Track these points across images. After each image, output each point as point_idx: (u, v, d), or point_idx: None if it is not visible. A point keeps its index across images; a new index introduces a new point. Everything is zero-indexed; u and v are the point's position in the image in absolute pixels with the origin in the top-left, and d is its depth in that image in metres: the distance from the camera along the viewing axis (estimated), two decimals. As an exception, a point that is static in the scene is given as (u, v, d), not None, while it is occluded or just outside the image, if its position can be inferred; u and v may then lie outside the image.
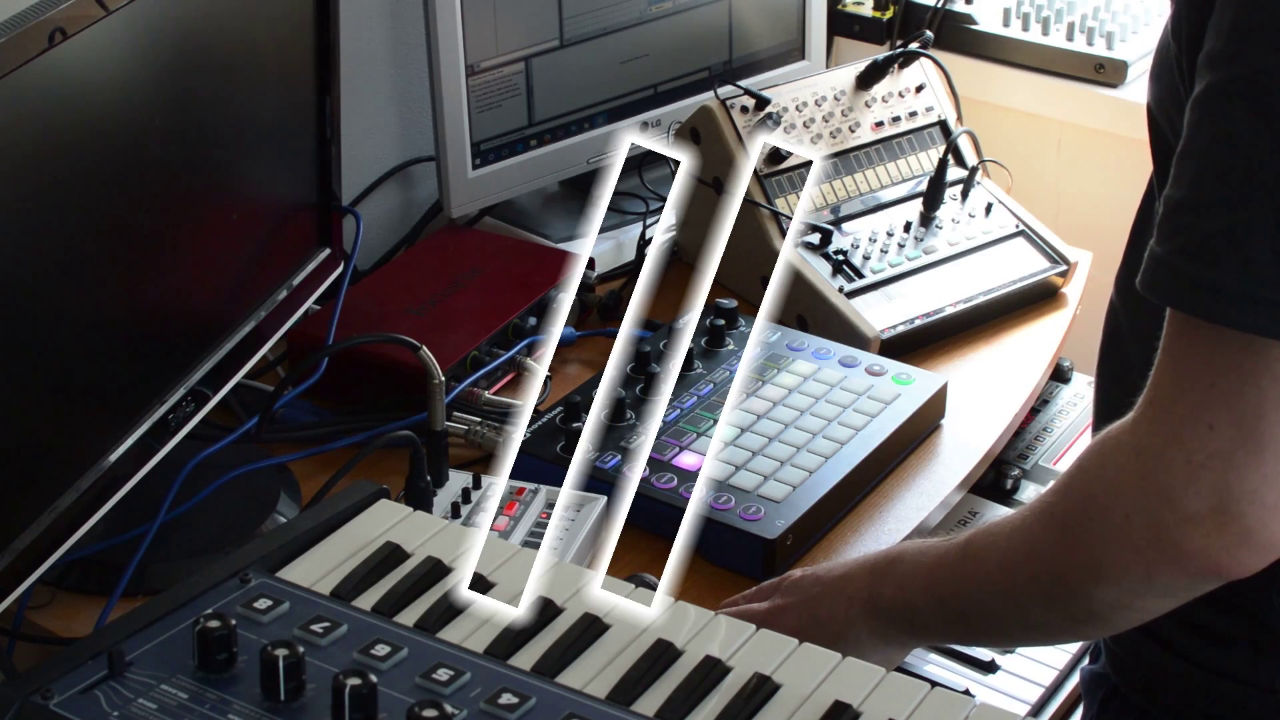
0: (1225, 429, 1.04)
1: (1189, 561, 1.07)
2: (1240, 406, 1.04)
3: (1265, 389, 1.04)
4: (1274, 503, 1.05)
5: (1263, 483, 1.04)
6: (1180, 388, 1.07)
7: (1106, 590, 1.12)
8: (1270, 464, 1.04)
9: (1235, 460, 1.04)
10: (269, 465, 1.61)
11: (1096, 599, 1.13)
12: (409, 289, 1.86)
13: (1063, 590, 1.15)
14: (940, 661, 1.61)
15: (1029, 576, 1.17)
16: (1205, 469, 1.05)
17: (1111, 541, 1.10)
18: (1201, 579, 1.09)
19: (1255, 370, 1.04)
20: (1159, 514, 1.07)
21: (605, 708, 1.02)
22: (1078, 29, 2.27)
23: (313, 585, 1.13)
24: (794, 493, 1.54)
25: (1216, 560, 1.06)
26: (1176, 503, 1.06)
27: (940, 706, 1.03)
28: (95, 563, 1.49)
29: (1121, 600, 1.12)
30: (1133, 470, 1.09)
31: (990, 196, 2.00)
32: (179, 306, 1.50)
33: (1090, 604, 1.14)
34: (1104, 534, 1.10)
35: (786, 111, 1.98)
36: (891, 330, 1.82)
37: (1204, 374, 1.06)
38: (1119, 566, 1.10)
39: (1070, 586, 1.14)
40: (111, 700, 1.01)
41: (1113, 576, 1.11)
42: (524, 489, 1.55)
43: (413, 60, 2.10)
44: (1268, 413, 1.04)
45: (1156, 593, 1.11)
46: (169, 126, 1.40)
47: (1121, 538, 1.09)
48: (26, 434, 1.30)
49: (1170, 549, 1.07)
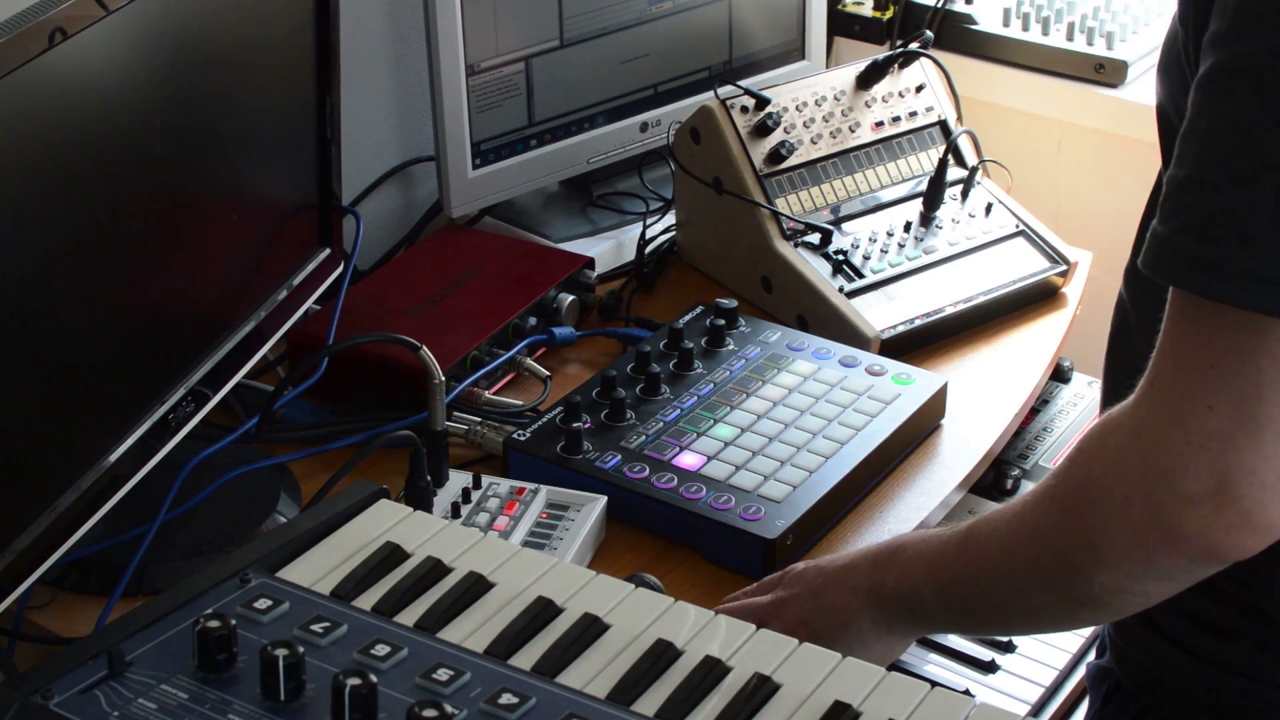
0: (1224, 409, 1.04)
1: (1187, 543, 1.07)
2: (1239, 387, 1.04)
3: (1264, 369, 1.03)
4: (1272, 484, 1.04)
5: (1261, 463, 1.04)
6: (1180, 368, 1.06)
7: (1106, 573, 1.12)
8: (1269, 445, 1.04)
9: (1234, 441, 1.04)
10: (269, 465, 1.61)
11: (1096, 582, 1.13)
12: (409, 289, 1.86)
13: (1063, 573, 1.15)
14: (940, 661, 1.61)
15: (1030, 559, 1.17)
16: (1204, 450, 1.05)
17: (1111, 523, 1.09)
18: (1200, 561, 1.09)
19: (1255, 350, 1.04)
20: (1158, 495, 1.07)
21: (605, 708, 1.02)
22: (1078, 29, 2.27)
23: (313, 585, 1.13)
24: (794, 493, 1.54)
25: (1215, 542, 1.06)
26: (1175, 484, 1.06)
27: (940, 706, 1.03)
28: (95, 563, 1.49)
29: (1121, 583, 1.12)
30: (1132, 451, 1.08)
31: (990, 196, 2.00)
32: (179, 306, 1.50)
33: (1090, 587, 1.13)
34: (1104, 516, 1.10)
35: (786, 111, 1.98)
36: (891, 330, 1.82)
37: (1203, 354, 1.05)
38: (1118, 549, 1.10)
39: (1070, 569, 1.14)
40: (111, 700, 1.01)
41: (1112, 559, 1.11)
42: (524, 489, 1.55)
43: (413, 60, 2.10)
44: (1266, 394, 1.03)
45: (1155, 575, 1.11)
46: (169, 126, 1.40)
47: (1121, 519, 1.09)
48: (26, 434, 1.30)
49: (1169, 530, 1.07)
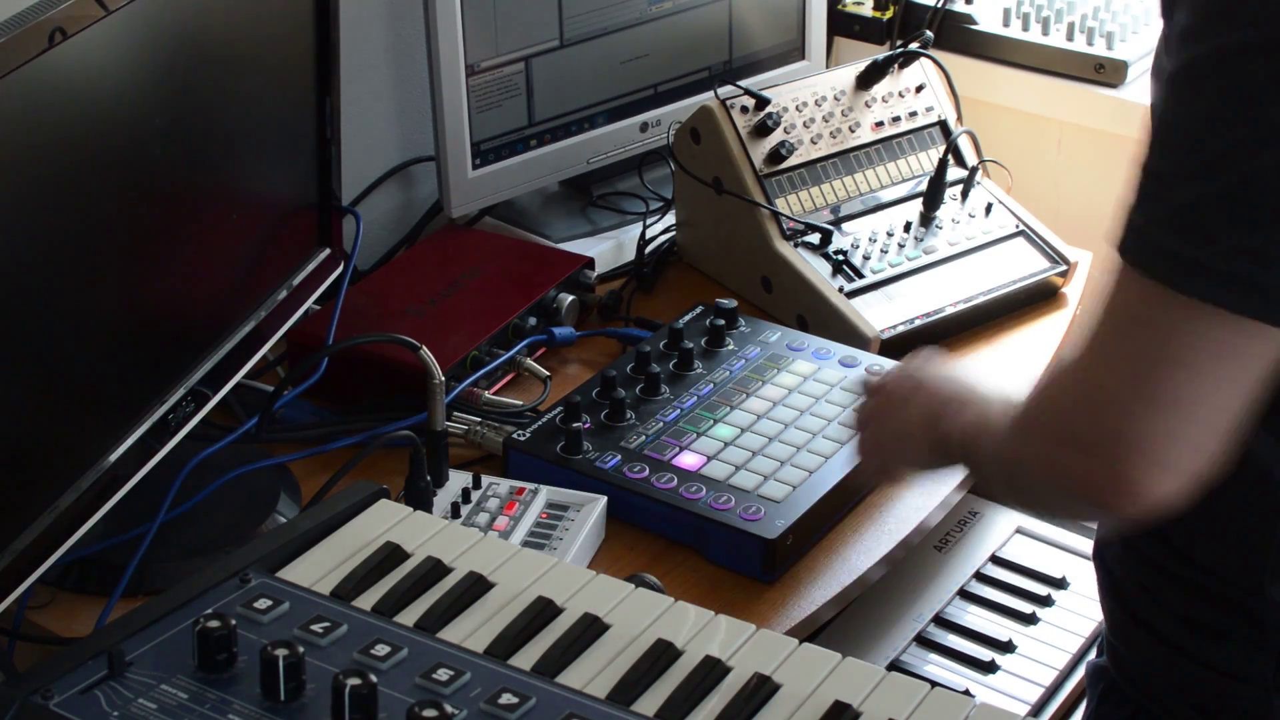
0: (1131, 380, 1.09)
1: (1080, 488, 1.13)
2: (1155, 364, 1.08)
3: (1182, 355, 1.07)
4: (1159, 459, 1.08)
5: (1151, 438, 1.08)
6: (1110, 332, 1.12)
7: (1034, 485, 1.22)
8: (1162, 422, 1.08)
9: (1132, 410, 1.08)
10: (269, 465, 1.61)
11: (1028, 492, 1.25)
12: (409, 289, 1.86)
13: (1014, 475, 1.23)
14: (940, 661, 1.61)
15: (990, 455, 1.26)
16: (1105, 410, 1.10)
17: (1035, 450, 1.17)
18: (1094, 508, 1.16)
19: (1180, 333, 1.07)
20: (1064, 442, 1.13)
21: (605, 708, 1.02)
22: (1078, 29, 2.27)
23: (313, 585, 1.13)
24: (794, 493, 1.54)
25: (1100, 496, 1.11)
26: (1078, 433, 1.12)
27: (940, 706, 1.03)
28: (95, 563, 1.49)
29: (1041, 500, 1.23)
30: (1056, 393, 1.16)
31: (990, 196, 2.00)
32: (179, 306, 1.50)
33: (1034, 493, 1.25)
34: (1033, 441, 1.18)
35: (786, 111, 1.98)
36: (891, 330, 1.82)
37: (1133, 326, 1.10)
38: (1035, 472, 1.18)
39: (1015, 471, 1.22)
40: (111, 700, 1.01)
41: (1033, 478, 1.20)
42: (524, 489, 1.55)
43: (413, 60, 2.10)
44: (1173, 374, 1.07)
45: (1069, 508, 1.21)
46: (169, 126, 1.40)
47: (1041, 453, 1.16)
48: (26, 434, 1.30)
49: (1067, 471, 1.13)
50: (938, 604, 1.66)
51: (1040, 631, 1.64)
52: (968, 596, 1.68)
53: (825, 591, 1.51)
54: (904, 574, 1.67)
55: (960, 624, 1.64)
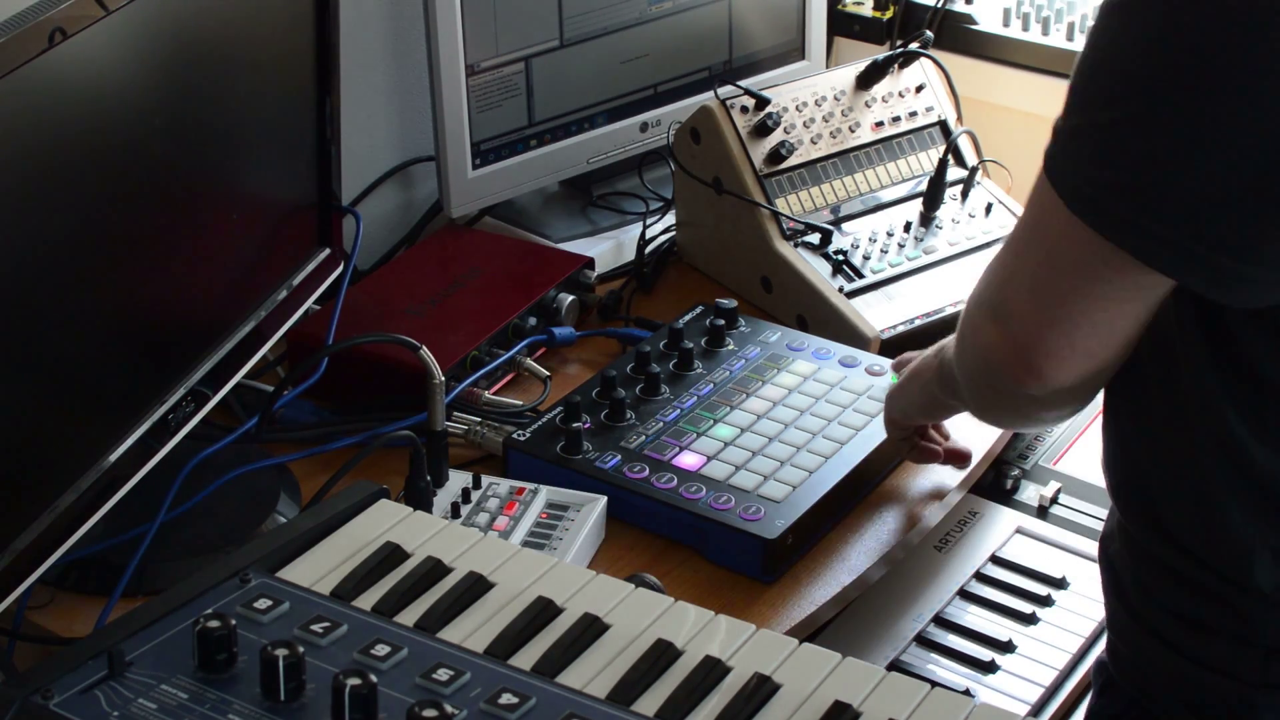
0: (1029, 271, 1.19)
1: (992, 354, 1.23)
2: (1047, 266, 1.17)
3: (1065, 264, 1.16)
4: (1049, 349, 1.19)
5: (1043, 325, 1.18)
6: (1022, 224, 1.21)
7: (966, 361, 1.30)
8: (1049, 318, 1.18)
9: (1029, 299, 1.19)
10: (269, 465, 1.62)
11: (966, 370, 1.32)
12: (409, 289, 1.86)
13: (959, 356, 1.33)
14: (940, 661, 1.61)
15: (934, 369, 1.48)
16: (1013, 290, 1.20)
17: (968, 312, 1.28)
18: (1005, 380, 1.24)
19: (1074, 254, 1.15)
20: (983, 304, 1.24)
21: (605, 708, 1.02)
22: (1078, 29, 2.27)
23: (313, 585, 1.13)
24: (794, 493, 1.54)
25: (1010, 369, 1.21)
26: (995, 304, 1.22)
27: (940, 706, 1.03)
28: (95, 563, 1.49)
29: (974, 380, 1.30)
30: (988, 270, 1.26)
31: (990, 196, 2.00)
32: (179, 306, 1.50)
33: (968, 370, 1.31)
34: (967, 309, 1.28)
35: (786, 111, 1.98)
36: (891, 330, 1.82)
37: (1036, 230, 1.19)
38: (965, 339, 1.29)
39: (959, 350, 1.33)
40: (111, 700, 1.01)
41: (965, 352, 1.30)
42: (524, 489, 1.55)
43: (413, 60, 2.10)
44: (1060, 283, 1.17)
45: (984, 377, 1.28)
46: (169, 126, 1.40)
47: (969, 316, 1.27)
48: (26, 434, 1.30)
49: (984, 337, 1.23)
50: (938, 604, 1.66)
51: (1040, 631, 1.64)
52: (968, 596, 1.67)
53: (825, 591, 1.51)
54: (904, 574, 1.67)
55: (960, 624, 1.63)
